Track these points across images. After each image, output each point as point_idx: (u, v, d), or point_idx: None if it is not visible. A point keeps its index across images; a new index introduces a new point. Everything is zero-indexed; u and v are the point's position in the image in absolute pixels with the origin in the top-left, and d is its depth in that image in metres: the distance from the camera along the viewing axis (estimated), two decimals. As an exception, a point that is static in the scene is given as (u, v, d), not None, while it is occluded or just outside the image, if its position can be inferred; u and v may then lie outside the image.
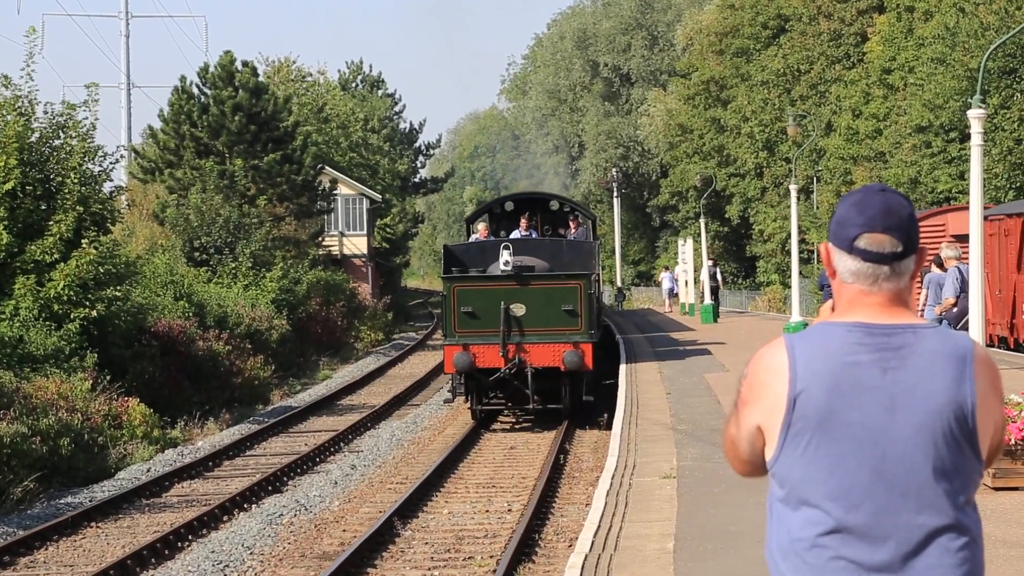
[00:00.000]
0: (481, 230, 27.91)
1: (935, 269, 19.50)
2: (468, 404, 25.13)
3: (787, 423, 3.37)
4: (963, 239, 20.02)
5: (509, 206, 29.24)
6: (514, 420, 25.83)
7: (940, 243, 22.40)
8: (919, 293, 19.65)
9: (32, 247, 24.92)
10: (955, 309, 18.44)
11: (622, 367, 26.84)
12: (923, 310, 19.42)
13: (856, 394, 3.34)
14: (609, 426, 20.99)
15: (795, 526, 3.37)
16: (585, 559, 10.73)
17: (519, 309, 23.70)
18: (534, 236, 27.76)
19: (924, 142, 41.43)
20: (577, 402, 24.19)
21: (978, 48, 36.68)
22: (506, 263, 23.97)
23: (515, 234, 27.44)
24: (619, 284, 69.02)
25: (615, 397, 22.80)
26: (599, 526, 11.98)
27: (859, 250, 3.42)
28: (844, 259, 3.45)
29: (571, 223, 28.58)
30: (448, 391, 25.83)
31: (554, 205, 29.58)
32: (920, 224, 3.51)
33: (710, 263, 49.40)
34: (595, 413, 24.72)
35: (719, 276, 49.31)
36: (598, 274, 27.60)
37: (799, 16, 58.24)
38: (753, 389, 3.46)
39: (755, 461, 3.52)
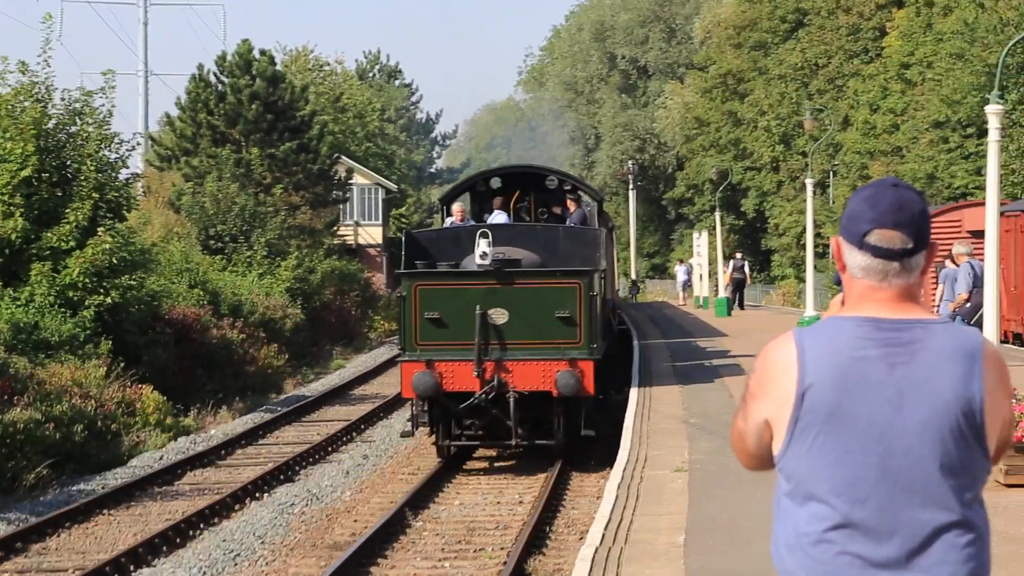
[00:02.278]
0: (456, 212, 22.10)
1: (950, 264, 19.47)
2: (433, 439, 19.65)
3: (795, 417, 3.36)
4: (979, 235, 19.97)
5: (495, 182, 23.54)
6: (495, 455, 20.66)
7: (956, 239, 22.36)
8: (935, 288, 19.61)
9: (48, 234, 24.96)
10: (968, 304, 18.43)
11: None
12: (939, 305, 19.41)
13: (863, 389, 3.32)
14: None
15: (801, 521, 3.35)
16: (595, 552, 10.72)
17: (500, 316, 18.40)
18: (526, 220, 22.66)
19: (941, 137, 41.34)
20: (574, 437, 18.86)
21: (997, 43, 36.57)
22: (483, 255, 18.53)
23: (497, 217, 21.99)
24: (634, 277, 69.07)
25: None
26: (610, 519, 11.97)
27: (869, 246, 3.39)
28: (854, 254, 3.43)
29: (569, 203, 22.67)
30: (407, 421, 20.04)
31: (552, 182, 23.50)
32: (936, 220, 3.50)
33: (737, 256, 49.54)
34: (599, 450, 19.60)
35: (746, 270, 49.36)
36: (606, 269, 21.46)
37: (818, 10, 58.15)
38: (762, 383, 3.44)
39: (762, 455, 3.51)
